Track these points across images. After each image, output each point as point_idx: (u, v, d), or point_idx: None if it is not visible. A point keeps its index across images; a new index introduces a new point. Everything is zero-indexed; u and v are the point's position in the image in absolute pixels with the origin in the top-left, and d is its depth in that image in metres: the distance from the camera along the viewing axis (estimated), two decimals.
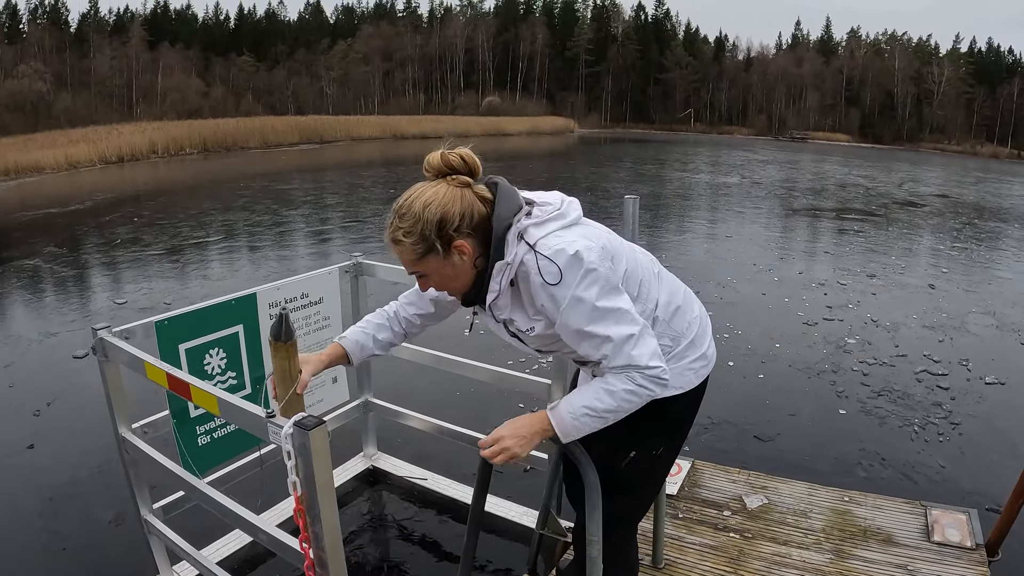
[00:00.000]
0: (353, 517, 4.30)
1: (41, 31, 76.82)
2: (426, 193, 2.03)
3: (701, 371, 2.33)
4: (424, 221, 1.99)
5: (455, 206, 2.00)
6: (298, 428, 1.92)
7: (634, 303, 2.09)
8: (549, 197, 2.14)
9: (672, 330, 2.26)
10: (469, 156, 2.07)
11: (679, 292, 2.34)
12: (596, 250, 1.99)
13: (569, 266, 1.94)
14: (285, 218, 17.43)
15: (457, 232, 2.00)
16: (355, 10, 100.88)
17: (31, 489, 4.87)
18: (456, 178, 2.05)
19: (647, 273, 2.24)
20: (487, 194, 2.08)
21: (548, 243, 1.97)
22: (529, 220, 2.03)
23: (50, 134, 42.13)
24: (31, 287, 10.87)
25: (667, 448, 2.42)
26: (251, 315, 3.47)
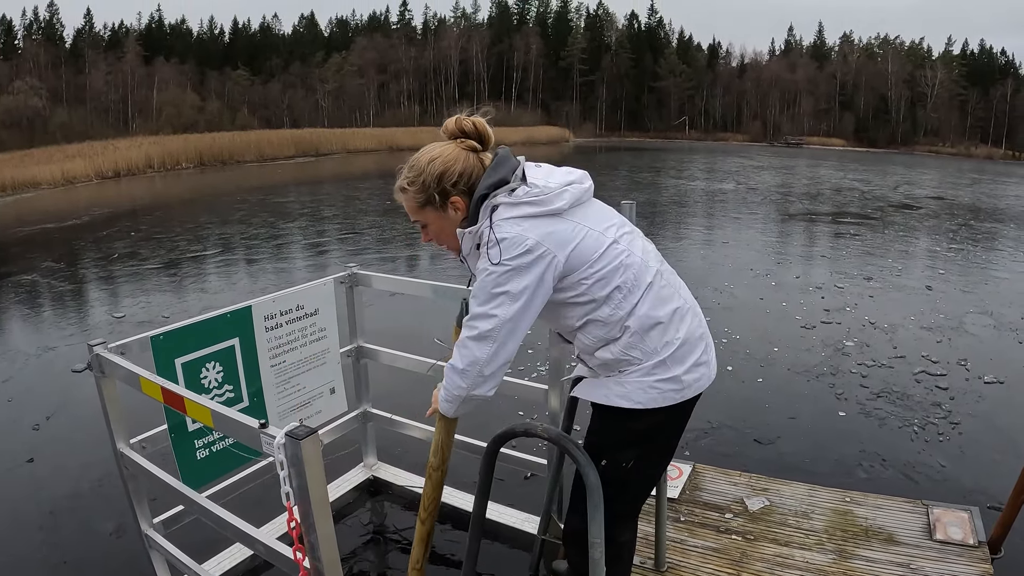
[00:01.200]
0: (355, 528, 4.29)
1: (36, 47, 76.99)
2: (434, 150, 2.27)
3: (670, 394, 2.29)
4: (427, 173, 2.23)
5: (456, 165, 2.23)
6: (290, 438, 1.91)
7: (602, 305, 2.22)
8: (554, 179, 2.23)
9: (644, 344, 2.26)
10: (481, 124, 2.30)
11: (669, 310, 2.29)
12: (538, 254, 2.12)
13: (505, 251, 2.11)
14: (282, 231, 17.43)
15: (454, 188, 2.23)
16: (349, 23, 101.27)
17: (32, 502, 4.87)
18: (465, 141, 2.28)
19: (630, 281, 2.25)
20: (489, 162, 2.28)
21: (503, 227, 2.13)
22: (506, 198, 2.17)
23: (46, 150, 42.12)
24: (29, 302, 10.86)
25: (639, 461, 2.41)
26: (247, 328, 3.47)
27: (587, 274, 2.20)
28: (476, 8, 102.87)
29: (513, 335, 2.20)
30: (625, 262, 2.24)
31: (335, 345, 4.02)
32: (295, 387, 3.79)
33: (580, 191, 2.24)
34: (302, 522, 2.03)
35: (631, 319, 2.25)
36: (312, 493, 1.96)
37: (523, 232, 2.12)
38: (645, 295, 2.26)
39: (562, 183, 2.22)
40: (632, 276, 2.24)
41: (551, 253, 2.14)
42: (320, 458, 1.96)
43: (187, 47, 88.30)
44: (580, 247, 2.19)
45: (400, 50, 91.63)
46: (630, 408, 2.30)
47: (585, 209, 2.28)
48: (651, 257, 2.36)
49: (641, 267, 2.28)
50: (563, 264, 2.17)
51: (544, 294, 2.18)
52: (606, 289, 2.22)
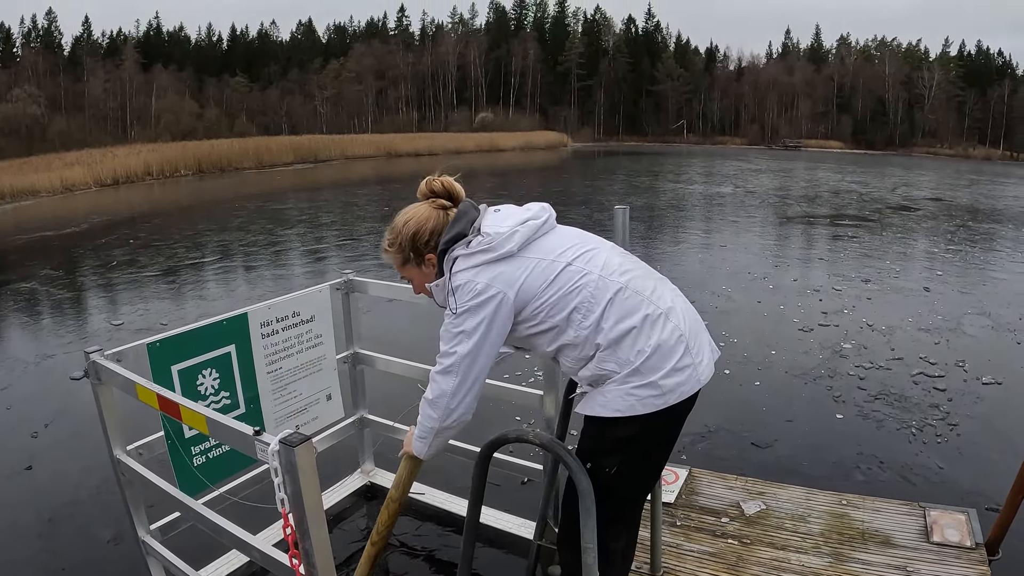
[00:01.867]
0: (351, 533, 4.29)
1: (35, 55, 77.18)
2: (408, 212, 2.52)
3: (648, 400, 2.33)
4: (402, 235, 2.48)
5: (427, 224, 2.46)
6: (284, 445, 1.92)
7: (565, 329, 2.37)
8: (508, 222, 2.40)
9: (617, 356, 2.34)
10: (448, 182, 2.56)
11: (636, 319, 2.34)
12: (488, 295, 2.32)
13: (459, 297, 2.35)
14: (280, 237, 17.44)
15: (426, 247, 2.47)
16: (347, 29, 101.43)
17: (30, 509, 4.87)
18: (436, 201, 2.53)
19: (588, 299, 2.34)
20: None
21: (458, 276, 2.36)
22: (463, 251, 2.38)
23: (45, 157, 42.23)
24: (28, 310, 10.87)
25: (622, 467, 2.44)
26: (243, 335, 3.48)
27: (540, 302, 2.35)
28: (474, 14, 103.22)
29: (472, 368, 2.38)
30: (579, 283, 2.35)
31: (331, 351, 4.03)
32: (291, 394, 3.79)
33: (533, 227, 2.40)
34: (297, 529, 2.04)
35: (599, 335, 2.34)
36: (307, 500, 1.96)
37: (474, 278, 2.33)
38: (608, 310, 2.34)
39: (513, 225, 2.38)
40: (589, 294, 2.34)
41: (500, 292, 2.32)
42: (314, 465, 1.97)
43: (185, 54, 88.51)
44: (528, 280, 2.35)
45: (398, 56, 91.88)
46: (610, 417, 2.36)
47: (542, 242, 2.43)
48: (613, 271, 2.40)
49: (598, 283, 2.35)
50: (514, 299, 2.34)
51: (499, 329, 2.36)
52: (563, 312, 2.35)
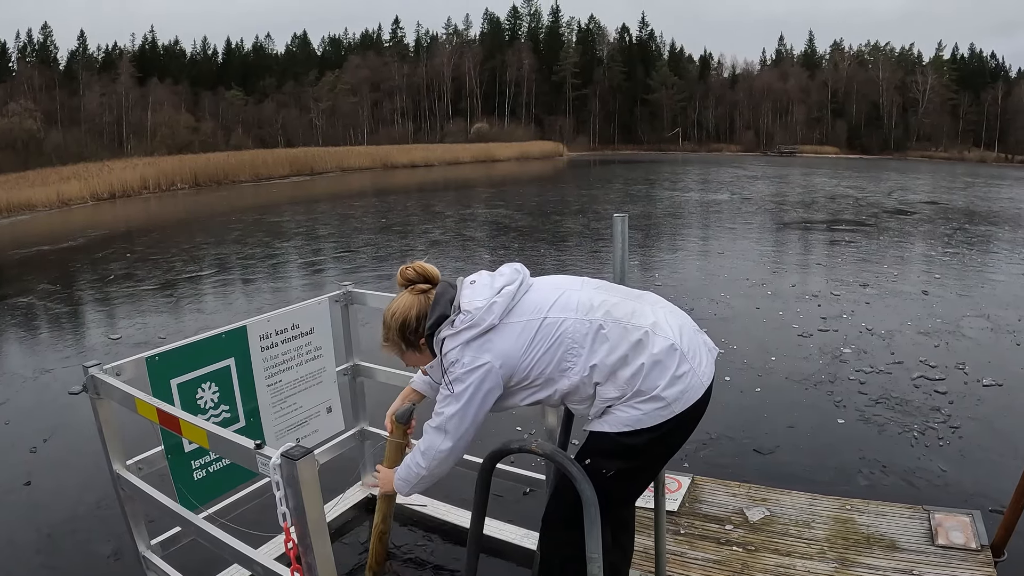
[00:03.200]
0: (353, 546, 4.26)
1: (30, 69, 77.27)
2: (393, 304, 2.66)
3: (654, 413, 2.41)
4: (392, 329, 2.64)
5: (412, 312, 2.60)
6: (285, 459, 1.90)
7: (560, 378, 2.48)
8: (482, 295, 2.50)
9: (616, 384, 2.44)
10: (421, 267, 2.67)
11: (625, 347, 2.44)
12: (474, 366, 2.43)
13: (450, 370, 2.48)
14: (278, 250, 17.43)
15: (415, 334, 2.61)
16: (342, 41, 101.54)
17: (29, 525, 4.84)
18: (415, 287, 2.65)
19: (569, 344, 2.45)
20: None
21: (450, 356, 2.48)
22: (448, 331, 2.49)
23: (41, 172, 42.21)
24: (25, 324, 10.84)
25: (620, 472, 2.50)
26: (242, 348, 3.46)
27: (527, 361, 2.46)
28: (468, 24, 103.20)
29: (460, 426, 2.51)
30: (559, 332, 2.46)
31: (331, 364, 4.02)
32: (292, 406, 3.78)
33: (509, 295, 2.50)
34: (299, 543, 2.02)
35: (595, 373, 2.44)
36: (309, 513, 1.95)
37: (461, 352, 2.46)
38: (593, 349, 2.45)
39: (490, 297, 2.48)
40: (570, 340, 2.45)
41: (487, 363, 2.43)
42: (316, 478, 1.96)
43: (181, 68, 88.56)
44: (513, 345, 2.45)
45: (393, 68, 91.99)
46: (617, 432, 2.45)
47: (520, 305, 2.52)
48: (589, 309, 2.50)
49: (576, 327, 2.46)
50: (500, 366, 2.45)
51: (485, 395, 2.47)
52: (551, 364, 2.47)
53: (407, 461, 2.69)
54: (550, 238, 18.00)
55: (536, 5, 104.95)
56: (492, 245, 17.31)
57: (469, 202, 29.07)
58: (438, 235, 19.20)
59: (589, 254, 15.52)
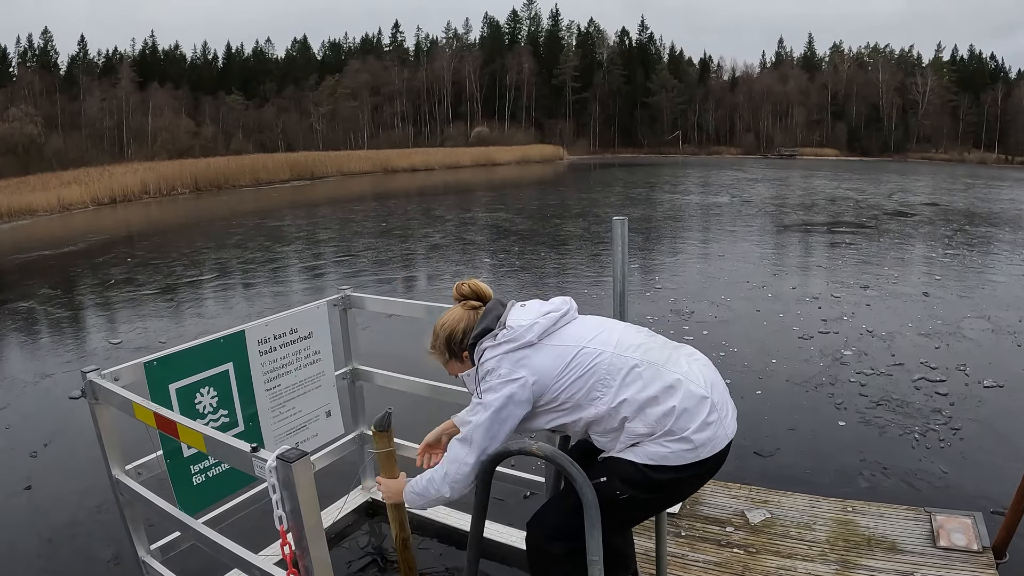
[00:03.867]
0: (353, 551, 4.26)
1: (31, 74, 77.16)
2: (444, 316, 2.79)
3: (681, 453, 2.45)
4: (439, 339, 2.76)
5: (459, 325, 2.72)
6: (281, 461, 1.90)
7: (587, 407, 2.52)
8: (529, 315, 2.62)
9: (646, 421, 2.46)
10: (475, 284, 2.80)
11: (656, 389, 2.48)
12: (508, 378, 2.51)
13: (484, 379, 2.57)
14: (278, 254, 17.43)
15: (460, 346, 2.72)
16: (342, 46, 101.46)
17: (30, 530, 4.85)
18: (467, 303, 2.78)
19: (603, 375, 2.51)
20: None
21: (486, 364, 2.56)
22: (489, 342, 2.59)
23: (42, 176, 42.22)
24: (26, 329, 10.85)
25: (632, 499, 2.52)
26: (241, 352, 3.46)
27: (559, 384, 2.52)
28: (468, 29, 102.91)
29: (485, 438, 2.54)
30: (594, 362, 2.52)
31: (330, 368, 4.01)
32: (291, 411, 3.77)
33: (553, 319, 2.61)
34: (296, 546, 2.01)
35: (623, 407, 2.48)
36: (305, 517, 1.94)
37: (498, 363, 2.54)
38: (625, 382, 2.50)
39: (535, 317, 2.60)
40: (604, 372, 2.51)
41: (521, 377, 2.51)
42: (312, 481, 1.95)
43: (181, 72, 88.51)
44: (547, 365, 2.53)
45: (393, 72, 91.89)
46: (643, 463, 2.47)
47: (562, 332, 2.62)
48: (628, 347, 2.58)
49: (612, 361, 2.53)
50: (532, 381, 2.52)
51: (515, 408, 2.53)
52: (582, 391, 2.52)
53: (427, 475, 2.72)
54: (550, 241, 18.01)
55: (536, 9, 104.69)
56: (492, 249, 17.32)
57: (469, 206, 29.08)
58: (438, 239, 19.21)
59: (589, 257, 15.52)
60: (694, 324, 9.74)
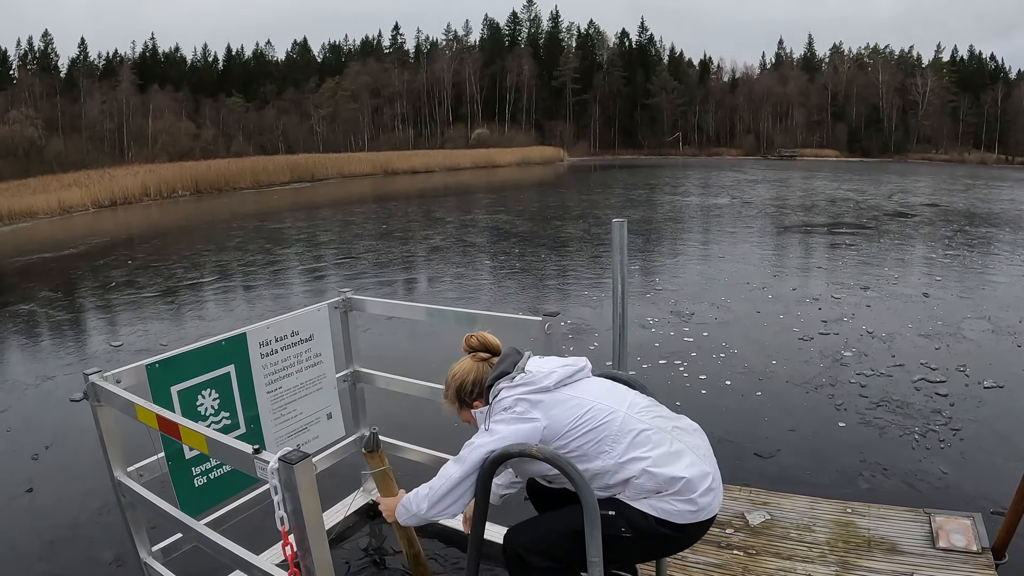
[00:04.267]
0: (354, 552, 4.27)
1: (31, 77, 77.21)
2: (455, 367, 2.92)
3: (687, 513, 2.54)
4: (451, 389, 2.89)
5: (469, 377, 2.85)
6: (283, 463, 1.91)
7: (595, 458, 2.57)
8: (547, 365, 2.73)
9: (654, 481, 2.54)
10: (483, 337, 2.94)
11: (662, 449, 2.58)
12: (520, 415, 2.60)
13: (495, 412, 2.67)
14: (279, 257, 17.44)
15: (470, 396, 2.85)
16: (342, 48, 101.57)
17: (31, 532, 4.86)
18: (477, 355, 2.91)
19: (614, 432, 2.58)
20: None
21: (503, 402, 2.65)
22: (506, 383, 2.69)
23: (43, 179, 42.23)
24: (27, 332, 10.86)
25: (631, 541, 2.59)
26: (242, 355, 3.47)
27: (569, 431, 2.57)
28: (468, 30, 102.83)
29: (480, 461, 2.59)
30: (607, 418, 2.60)
31: (331, 370, 4.02)
32: (292, 413, 3.78)
33: (570, 371, 2.72)
34: (298, 547, 2.03)
35: (632, 464, 2.55)
36: (307, 517, 1.95)
37: (514, 402, 2.63)
38: (635, 442, 2.57)
39: (553, 367, 2.71)
40: (616, 429, 2.58)
41: (535, 418, 2.59)
42: (314, 482, 1.96)
43: (181, 75, 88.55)
44: (561, 413, 2.60)
45: (393, 74, 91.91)
46: (651, 514, 2.55)
47: (577, 385, 2.71)
48: (639, 410, 2.68)
49: (624, 421, 2.61)
50: (544, 426, 2.59)
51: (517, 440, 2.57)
52: (592, 441, 2.57)
53: (416, 490, 2.78)
54: (551, 243, 18.02)
55: (536, 10, 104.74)
56: (493, 251, 17.33)
57: (470, 208, 29.10)
58: (439, 241, 19.22)
59: (590, 259, 15.53)
60: (694, 325, 9.75)
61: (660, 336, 9.21)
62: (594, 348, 8.60)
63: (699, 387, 7.42)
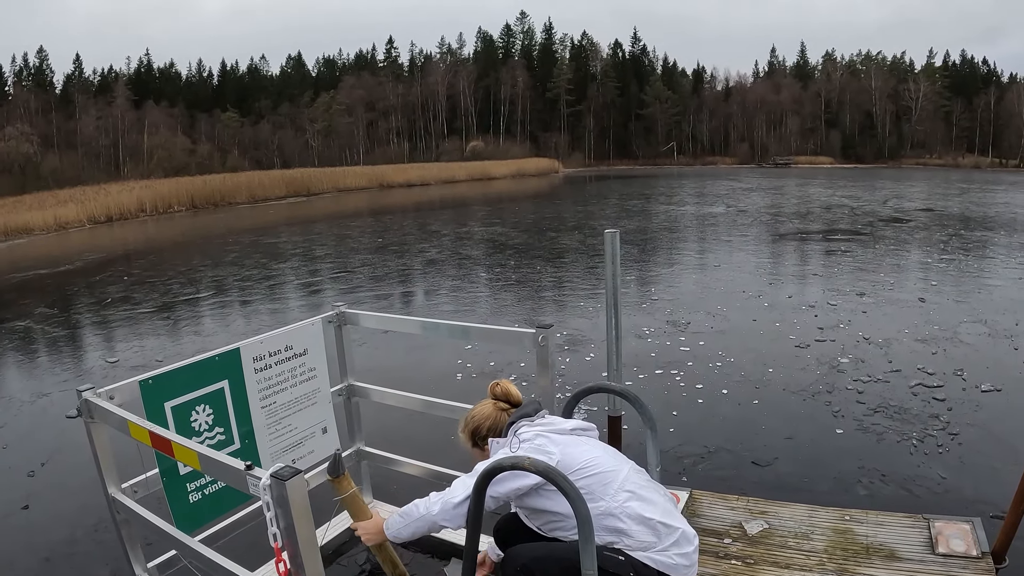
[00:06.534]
0: (350, 568, 4.25)
1: (26, 93, 77.27)
2: (475, 410, 3.17)
3: (682, 569, 2.75)
4: (467, 429, 3.14)
5: (486, 422, 3.09)
6: (275, 479, 1.90)
7: (599, 499, 2.74)
8: (560, 418, 3.06)
9: (653, 532, 2.75)
10: (507, 388, 3.18)
11: (660, 506, 2.83)
12: (538, 447, 2.81)
13: (520, 446, 2.85)
14: (275, 271, 17.43)
15: (483, 440, 3.09)
16: (336, 62, 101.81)
17: (27, 549, 4.84)
18: (498, 403, 3.15)
19: (620, 484, 2.80)
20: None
21: (523, 435, 2.88)
22: (528, 422, 2.95)
23: (38, 195, 42.32)
24: (23, 348, 10.84)
25: None
26: (236, 370, 3.46)
27: (580, 471, 2.75)
28: (462, 43, 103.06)
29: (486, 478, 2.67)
30: (613, 469, 2.83)
31: (325, 384, 4.01)
32: (287, 428, 3.77)
33: (584, 426, 3.01)
34: (291, 563, 2.01)
35: (629, 510, 2.74)
36: (300, 533, 1.94)
37: (535, 436, 2.86)
38: (637, 496, 2.79)
39: (569, 419, 3.05)
40: (620, 481, 2.80)
41: (552, 452, 2.78)
42: (307, 498, 1.95)
43: (176, 90, 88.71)
44: (574, 452, 2.82)
45: (388, 87, 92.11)
46: (651, 566, 2.73)
47: (588, 439, 2.97)
48: (638, 472, 2.95)
49: (628, 475, 2.85)
50: (558, 459, 2.74)
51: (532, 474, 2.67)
52: (598, 483, 2.76)
53: (415, 501, 2.94)
54: (546, 255, 18.02)
55: (529, 22, 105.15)
56: (488, 263, 17.33)
57: (465, 220, 29.12)
58: (434, 254, 19.22)
59: (585, 270, 15.53)
60: (690, 335, 9.74)
61: (656, 346, 9.20)
62: (590, 359, 8.59)
63: (696, 396, 7.40)
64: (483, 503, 2.63)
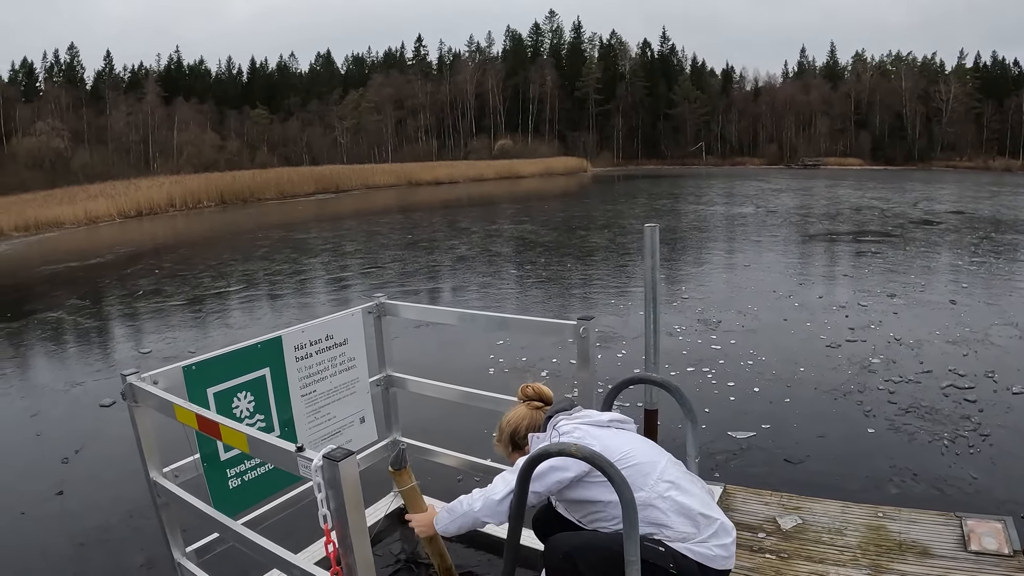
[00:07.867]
0: (385, 557, 4.28)
1: (57, 89, 78.25)
2: (509, 414, 3.18)
3: (721, 560, 2.74)
4: (504, 433, 3.15)
5: (522, 423, 3.11)
6: (327, 460, 1.93)
7: (639, 489, 2.68)
8: (597, 413, 3.04)
9: (692, 523, 2.74)
10: (537, 388, 3.22)
11: (698, 497, 2.83)
12: (578, 438, 2.78)
13: (560, 438, 2.84)
14: (305, 266, 17.56)
15: (523, 440, 3.07)
16: (365, 60, 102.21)
17: (62, 535, 4.92)
18: (531, 403, 3.17)
19: (659, 475, 2.78)
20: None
21: (563, 428, 2.88)
22: (566, 416, 2.96)
23: (69, 190, 42.71)
24: (55, 339, 10.99)
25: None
26: (277, 358, 3.51)
27: (621, 458, 2.70)
28: (490, 42, 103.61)
29: (533, 471, 2.68)
30: (652, 461, 2.82)
31: (364, 374, 4.05)
32: (326, 416, 3.81)
33: (621, 419, 3.01)
34: (340, 544, 2.05)
35: (668, 497, 2.74)
36: (350, 515, 1.98)
37: (574, 428, 2.86)
38: (676, 485, 2.78)
39: (607, 412, 3.06)
40: (660, 471, 2.79)
41: (588, 443, 2.67)
42: (358, 480, 1.99)
43: (206, 87, 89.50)
44: (613, 442, 2.80)
45: (416, 86, 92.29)
46: (690, 556, 2.71)
47: (625, 431, 2.97)
48: (676, 463, 2.91)
49: (667, 466, 2.84)
50: (599, 448, 2.63)
51: (575, 465, 2.73)
52: (637, 473, 2.72)
53: (460, 497, 2.99)
54: (576, 253, 18.03)
55: (558, 21, 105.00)
56: (519, 260, 17.37)
57: (494, 218, 29.15)
58: (464, 251, 19.27)
59: (616, 268, 15.52)
60: (721, 333, 9.72)
61: (688, 344, 9.19)
62: (622, 356, 8.58)
63: (727, 394, 7.40)
64: (526, 494, 2.63)
